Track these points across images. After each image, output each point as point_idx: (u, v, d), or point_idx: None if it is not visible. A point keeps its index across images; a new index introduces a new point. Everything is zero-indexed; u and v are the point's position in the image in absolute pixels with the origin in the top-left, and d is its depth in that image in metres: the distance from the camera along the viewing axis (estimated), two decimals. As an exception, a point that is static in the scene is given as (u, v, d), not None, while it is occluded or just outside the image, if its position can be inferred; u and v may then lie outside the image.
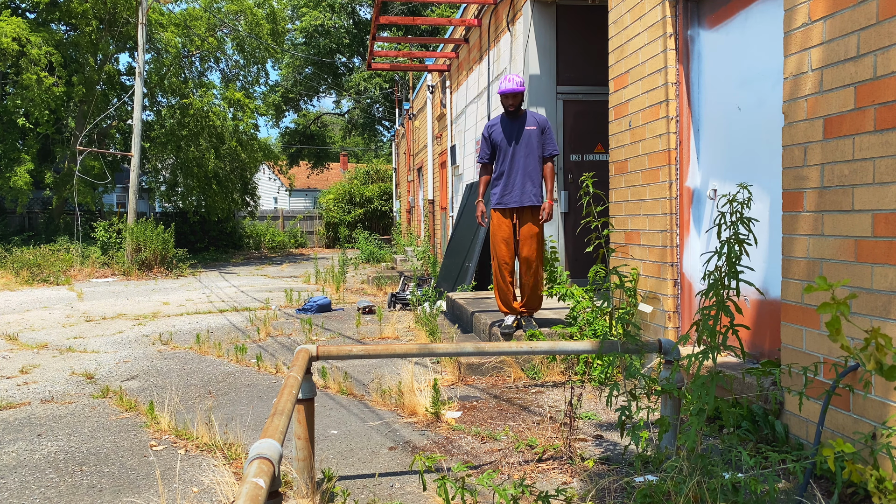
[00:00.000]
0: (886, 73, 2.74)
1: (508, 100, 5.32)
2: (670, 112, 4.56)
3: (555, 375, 5.02)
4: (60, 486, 3.28)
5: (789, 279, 3.33)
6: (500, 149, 5.36)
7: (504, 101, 5.36)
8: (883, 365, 1.48)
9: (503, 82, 5.35)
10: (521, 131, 5.30)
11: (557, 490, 2.59)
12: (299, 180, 40.88)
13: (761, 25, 3.90)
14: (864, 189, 2.86)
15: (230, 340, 6.98)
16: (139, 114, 16.64)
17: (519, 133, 5.31)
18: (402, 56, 12.59)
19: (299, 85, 32.55)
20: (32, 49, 16.14)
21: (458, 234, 9.70)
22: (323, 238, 29.43)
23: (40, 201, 23.23)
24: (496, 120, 5.47)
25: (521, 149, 5.29)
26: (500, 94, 5.34)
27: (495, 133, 5.39)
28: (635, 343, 3.24)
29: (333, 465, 3.43)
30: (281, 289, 12.10)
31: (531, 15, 7.65)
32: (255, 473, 1.70)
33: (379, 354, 3.44)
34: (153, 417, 4.23)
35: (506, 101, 5.34)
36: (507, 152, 5.32)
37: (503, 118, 5.42)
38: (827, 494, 2.78)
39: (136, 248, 15.66)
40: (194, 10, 20.21)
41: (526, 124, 5.32)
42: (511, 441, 3.69)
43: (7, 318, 8.85)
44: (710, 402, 2.45)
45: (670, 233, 4.61)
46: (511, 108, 5.31)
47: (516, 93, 5.29)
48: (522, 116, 5.37)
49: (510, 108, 5.32)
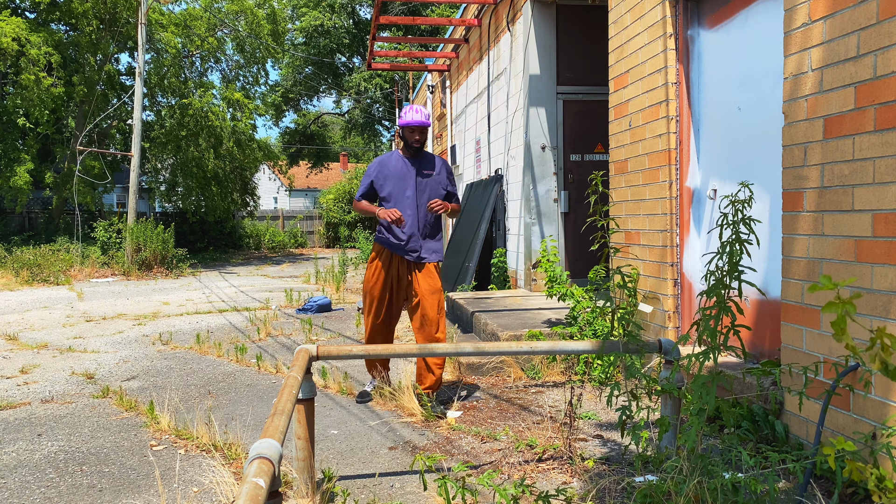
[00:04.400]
0: (886, 73, 2.74)
1: (415, 134, 4.42)
2: (670, 112, 4.56)
3: (555, 375, 5.02)
4: (60, 485, 3.28)
5: (789, 279, 3.33)
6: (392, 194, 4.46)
7: (409, 136, 4.43)
8: (888, 365, 1.47)
9: (408, 112, 4.42)
10: (425, 175, 4.48)
11: (557, 490, 2.59)
12: (299, 180, 40.89)
13: (761, 25, 3.90)
14: (864, 189, 2.86)
15: (230, 340, 6.98)
16: (139, 114, 16.64)
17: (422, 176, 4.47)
18: (402, 56, 12.59)
19: (299, 85, 32.56)
20: (32, 49, 16.14)
21: (459, 234, 9.70)
22: (323, 238, 29.42)
23: (40, 201, 23.24)
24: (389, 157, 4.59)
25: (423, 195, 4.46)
26: (407, 124, 4.41)
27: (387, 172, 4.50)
28: (635, 343, 3.24)
29: (333, 464, 3.43)
30: (281, 289, 12.10)
31: (531, 15, 7.65)
32: (255, 473, 1.70)
33: (379, 354, 3.44)
34: (153, 417, 4.23)
35: (411, 136, 4.43)
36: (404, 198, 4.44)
37: (400, 156, 4.53)
38: (827, 494, 2.78)
39: (136, 248, 15.66)
40: (194, 10, 20.22)
41: (429, 168, 4.51)
42: (511, 441, 3.69)
43: (7, 318, 8.85)
44: (711, 402, 2.44)
45: (670, 233, 4.61)
46: (417, 145, 4.44)
47: (424, 126, 4.42)
48: (426, 156, 4.55)
49: (415, 145, 4.43)
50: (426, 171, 4.48)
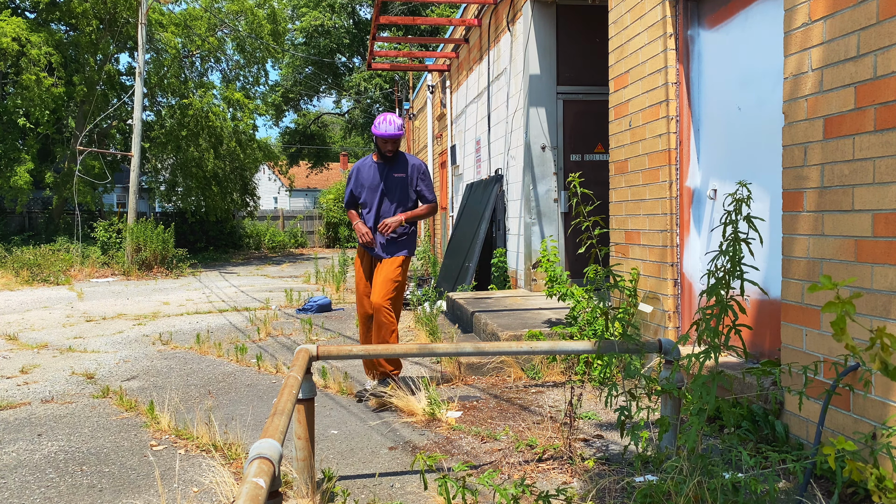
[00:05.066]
0: (886, 73, 2.74)
1: (388, 144, 4.73)
2: (670, 112, 4.56)
3: (555, 375, 5.02)
4: (61, 485, 3.28)
5: (789, 279, 3.33)
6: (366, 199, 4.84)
7: (382, 146, 4.73)
8: (888, 365, 1.47)
9: (381, 123, 4.67)
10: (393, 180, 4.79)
11: (558, 490, 2.59)
12: (299, 180, 40.87)
13: (761, 25, 3.90)
14: (864, 189, 2.86)
15: (230, 340, 6.98)
16: (139, 114, 16.64)
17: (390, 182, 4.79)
18: (402, 56, 12.59)
19: (299, 85, 32.56)
20: (32, 49, 16.15)
21: (459, 234, 9.70)
22: (323, 238, 29.42)
23: (40, 201, 23.24)
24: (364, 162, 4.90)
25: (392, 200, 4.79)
26: (380, 136, 4.68)
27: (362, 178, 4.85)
28: (635, 343, 3.24)
29: (333, 464, 3.43)
30: (281, 289, 12.10)
31: (531, 15, 7.65)
32: (255, 473, 1.70)
33: (379, 354, 3.44)
34: (153, 417, 4.23)
35: (384, 146, 4.74)
36: (373, 204, 4.81)
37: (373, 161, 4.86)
38: (827, 494, 2.78)
39: (136, 248, 15.66)
40: (194, 10, 20.22)
41: (399, 171, 4.81)
42: (511, 441, 3.69)
43: (7, 318, 8.85)
44: (711, 402, 2.44)
45: (670, 233, 4.61)
46: (389, 154, 4.75)
47: (397, 137, 4.70)
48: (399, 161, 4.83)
49: (388, 154, 4.75)
50: (396, 175, 4.79)
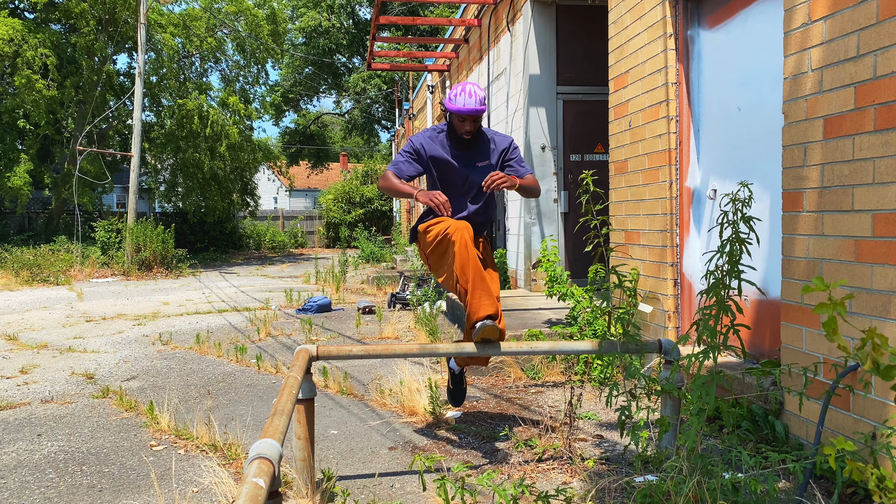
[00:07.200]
0: (886, 73, 2.74)
1: (466, 124, 3.53)
2: (670, 112, 4.56)
3: (555, 375, 5.02)
4: (60, 486, 3.28)
5: (789, 279, 3.33)
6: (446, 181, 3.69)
7: (459, 125, 3.54)
8: (879, 364, 1.48)
9: (459, 94, 3.49)
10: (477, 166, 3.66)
11: (557, 490, 2.59)
12: (299, 180, 40.88)
13: (761, 25, 3.90)
14: (864, 189, 2.86)
15: (230, 340, 6.98)
16: (139, 114, 16.64)
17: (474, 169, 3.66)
18: (402, 56, 12.58)
19: (299, 85, 32.57)
20: (28, 51, 16.13)
21: (458, 235, 9.68)
22: (323, 238, 29.42)
23: (40, 201, 23.24)
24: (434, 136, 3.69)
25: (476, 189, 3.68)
26: (457, 111, 3.48)
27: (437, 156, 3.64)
28: (635, 343, 3.24)
29: (333, 465, 3.43)
30: (281, 289, 12.10)
31: (531, 15, 7.65)
32: (255, 473, 1.69)
33: (379, 354, 3.44)
34: (153, 417, 4.23)
35: (461, 126, 3.54)
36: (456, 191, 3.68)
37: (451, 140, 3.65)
38: (827, 494, 2.78)
39: (136, 249, 15.66)
40: (194, 11, 20.20)
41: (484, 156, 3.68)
42: (511, 441, 3.69)
43: (7, 318, 8.85)
44: (711, 402, 2.44)
45: (670, 233, 4.61)
46: (467, 137, 3.58)
47: (479, 114, 3.52)
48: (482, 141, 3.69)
49: (466, 137, 3.57)
50: (480, 164, 3.65)
